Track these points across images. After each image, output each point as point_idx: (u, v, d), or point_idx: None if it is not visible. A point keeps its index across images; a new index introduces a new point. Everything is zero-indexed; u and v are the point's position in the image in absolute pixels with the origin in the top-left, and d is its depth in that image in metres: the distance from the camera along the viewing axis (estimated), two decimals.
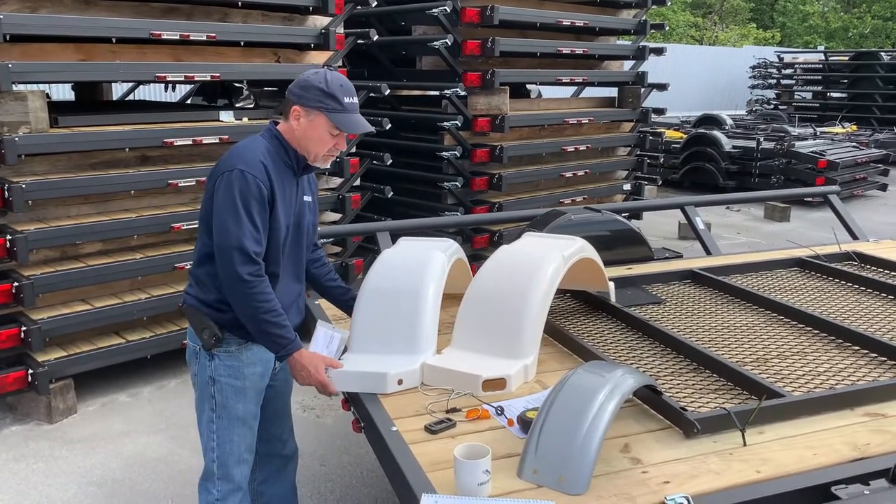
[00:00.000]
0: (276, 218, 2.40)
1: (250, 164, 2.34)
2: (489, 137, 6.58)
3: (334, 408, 4.37)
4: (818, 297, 3.46)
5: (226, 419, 2.49)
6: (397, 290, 2.68)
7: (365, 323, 2.65)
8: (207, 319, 2.43)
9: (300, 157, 2.47)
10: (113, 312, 4.48)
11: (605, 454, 1.98)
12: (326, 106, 2.37)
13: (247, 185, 2.31)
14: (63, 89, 8.86)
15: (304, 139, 2.43)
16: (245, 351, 2.48)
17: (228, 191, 2.31)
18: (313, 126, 2.40)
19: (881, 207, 11.12)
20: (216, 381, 2.48)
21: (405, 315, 2.62)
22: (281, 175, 2.43)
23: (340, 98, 2.38)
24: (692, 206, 4.98)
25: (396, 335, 2.60)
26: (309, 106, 2.39)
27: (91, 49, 4.47)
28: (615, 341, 2.92)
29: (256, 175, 2.32)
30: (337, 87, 2.38)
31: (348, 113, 2.40)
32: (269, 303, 2.35)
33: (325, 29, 5.37)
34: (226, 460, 2.51)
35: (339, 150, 2.49)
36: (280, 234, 2.44)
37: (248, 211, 2.31)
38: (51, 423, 4.27)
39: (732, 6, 34.72)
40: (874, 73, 17.78)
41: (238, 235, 2.29)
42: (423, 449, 2.07)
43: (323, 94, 2.37)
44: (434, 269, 2.74)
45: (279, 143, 2.45)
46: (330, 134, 2.41)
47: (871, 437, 2.12)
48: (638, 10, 7.86)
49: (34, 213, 4.33)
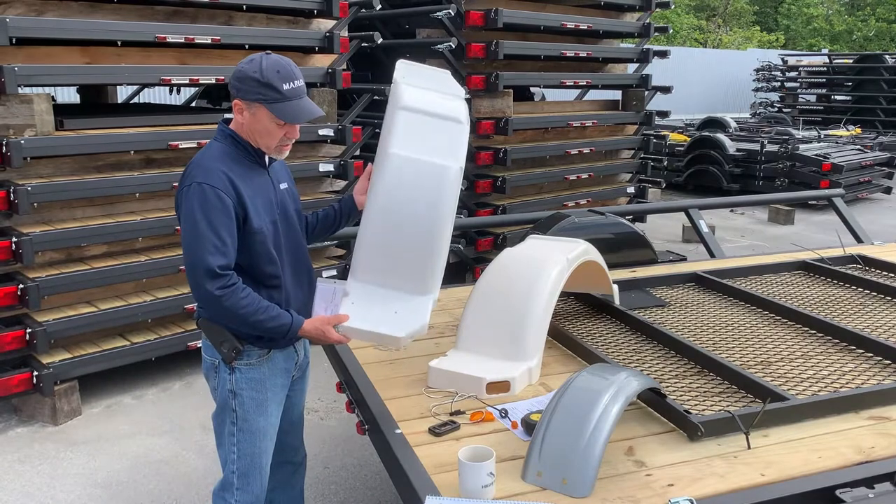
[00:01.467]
0: (251, 221, 2.28)
1: (208, 175, 2.22)
2: (493, 140, 6.59)
3: (338, 410, 4.37)
4: (822, 300, 3.46)
5: (247, 432, 2.43)
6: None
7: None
8: (226, 332, 2.35)
9: (260, 150, 2.35)
10: (118, 315, 4.49)
11: (609, 457, 1.99)
12: (265, 97, 2.21)
13: (204, 197, 2.19)
14: (68, 92, 8.90)
15: (253, 132, 2.30)
16: (267, 363, 2.42)
17: (188, 207, 2.21)
18: (256, 119, 2.26)
19: (885, 210, 11.10)
20: (237, 395, 2.41)
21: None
22: (246, 174, 2.31)
23: (278, 86, 2.21)
24: (696, 209, 4.98)
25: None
26: (248, 99, 2.24)
27: (96, 52, 4.49)
28: (619, 344, 2.92)
29: (214, 184, 2.20)
30: (273, 75, 2.21)
31: (289, 100, 2.23)
32: (250, 305, 2.24)
33: (329, 32, 5.39)
34: (246, 472, 2.46)
35: (292, 138, 2.34)
36: (266, 235, 2.33)
37: (209, 224, 2.18)
38: (55, 425, 4.28)
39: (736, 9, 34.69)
40: (878, 76, 17.74)
41: (200, 255, 2.18)
42: (427, 451, 2.08)
43: (259, 85, 2.21)
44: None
45: (234, 141, 2.33)
46: (276, 125, 2.26)
47: (876, 440, 2.12)
48: (641, 12, 7.86)
49: (39, 216, 4.35)
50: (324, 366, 3.12)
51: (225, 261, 2.20)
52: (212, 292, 2.19)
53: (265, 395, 2.43)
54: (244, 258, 2.31)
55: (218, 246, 2.19)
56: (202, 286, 2.20)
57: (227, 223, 2.21)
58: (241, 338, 2.36)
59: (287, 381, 2.53)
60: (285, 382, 2.52)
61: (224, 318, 2.30)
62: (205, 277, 2.18)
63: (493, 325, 2.61)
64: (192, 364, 5.01)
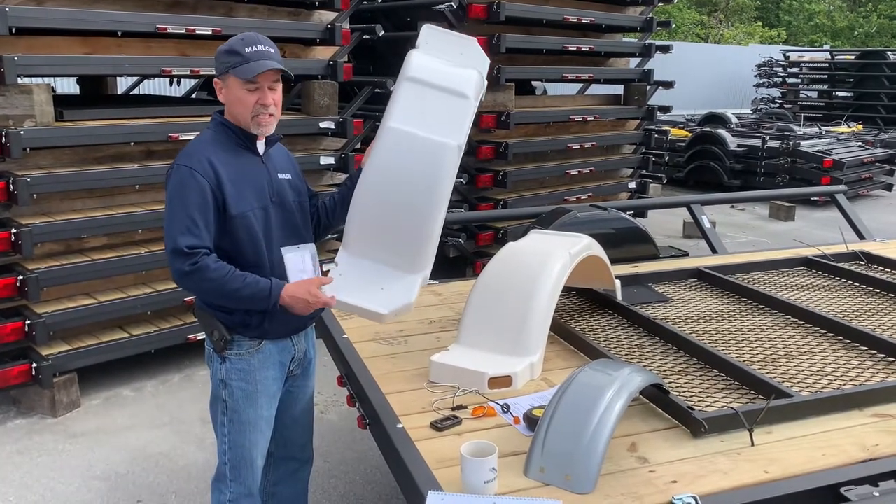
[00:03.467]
0: (230, 205, 2.28)
1: (189, 158, 2.29)
2: (494, 134, 6.57)
3: (339, 404, 4.37)
4: (825, 296, 3.44)
5: (237, 423, 2.44)
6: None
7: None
8: (216, 321, 2.38)
9: (248, 134, 2.37)
10: (117, 307, 4.48)
11: (613, 453, 1.97)
12: (230, 63, 2.28)
13: (179, 178, 2.26)
14: (68, 83, 8.86)
15: (231, 109, 2.34)
16: (257, 354, 2.42)
17: (168, 189, 2.29)
18: (230, 90, 2.32)
19: (887, 207, 11.09)
20: (227, 385, 2.42)
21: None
22: (235, 159, 2.34)
23: (241, 50, 2.27)
24: (698, 205, 4.96)
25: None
26: (220, 74, 2.32)
27: (97, 43, 4.47)
28: (621, 339, 2.91)
29: (192, 166, 2.26)
30: (237, 42, 2.29)
31: (252, 61, 2.26)
32: (224, 276, 2.24)
33: (330, 24, 5.36)
34: (237, 464, 2.47)
35: (266, 105, 2.31)
36: (251, 219, 2.32)
37: (182, 205, 2.24)
38: (54, 417, 4.27)
39: (738, 4, 34.60)
40: (880, 73, 17.70)
41: (172, 236, 2.23)
42: (428, 446, 2.06)
43: (226, 55, 2.29)
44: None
45: (224, 127, 2.38)
46: (245, 92, 2.29)
47: (880, 437, 2.10)
48: (644, 7, 7.84)
49: (39, 207, 4.33)
50: (324, 359, 3.11)
51: (195, 241, 2.24)
52: (182, 269, 2.24)
53: (255, 387, 2.43)
54: (227, 242, 2.33)
55: (189, 226, 2.23)
56: (173, 265, 2.26)
57: (200, 204, 2.25)
58: (230, 327, 2.38)
59: (281, 375, 2.52)
60: (278, 375, 2.50)
61: (203, 294, 2.35)
62: (173, 256, 2.24)
63: (495, 319, 2.59)
64: (192, 357, 5.00)
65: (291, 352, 2.53)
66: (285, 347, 2.50)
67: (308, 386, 2.69)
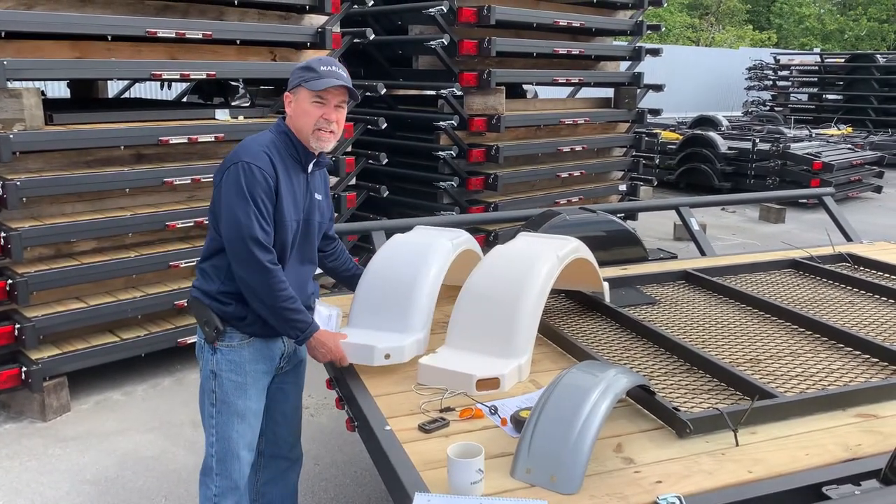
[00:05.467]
0: (281, 211, 2.40)
1: (255, 156, 2.36)
2: (485, 137, 6.58)
3: (328, 406, 4.37)
4: (812, 298, 3.47)
5: (226, 414, 2.49)
6: (397, 272, 2.76)
7: (364, 300, 2.74)
8: (210, 312, 2.44)
9: (307, 151, 2.48)
10: (107, 310, 4.47)
11: (598, 454, 1.99)
12: (304, 77, 2.41)
13: (252, 176, 2.33)
14: (58, 87, 8.84)
15: (296, 120, 2.45)
16: (247, 346, 2.49)
17: (236, 183, 2.33)
18: (298, 102, 2.44)
19: (876, 209, 11.15)
20: (217, 376, 2.48)
21: (401, 295, 2.70)
22: (288, 168, 2.44)
23: (316, 68, 2.40)
24: (687, 207, 4.99)
25: (391, 314, 2.67)
26: (293, 87, 2.45)
27: (87, 46, 4.46)
28: (609, 341, 2.93)
29: (261, 166, 2.35)
30: (315, 61, 2.43)
31: (324, 77, 2.40)
32: (286, 290, 2.38)
33: (321, 28, 5.37)
34: (224, 456, 2.51)
35: (329, 121, 2.44)
36: (288, 229, 2.44)
37: (255, 202, 2.32)
38: (44, 421, 4.26)
39: (729, 7, 34.77)
40: (870, 76, 17.81)
41: (249, 226, 2.31)
42: (416, 448, 2.07)
43: (301, 71, 2.43)
44: (435, 256, 2.79)
45: (286, 136, 2.47)
46: (312, 105, 2.41)
47: (863, 437, 2.12)
48: (634, 10, 7.87)
49: (29, 211, 4.32)
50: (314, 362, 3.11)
51: (266, 236, 2.35)
52: (262, 263, 2.32)
53: (245, 379, 2.49)
54: None
55: (262, 222, 2.33)
56: (251, 257, 2.31)
57: (267, 203, 2.36)
58: (224, 319, 2.44)
59: (270, 369, 2.58)
60: (268, 369, 2.57)
61: (256, 294, 2.37)
62: (256, 248, 2.31)
63: (483, 322, 2.60)
64: (183, 360, 5.00)
65: (282, 348, 2.60)
66: (276, 344, 2.58)
67: (298, 384, 2.75)
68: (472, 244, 3.08)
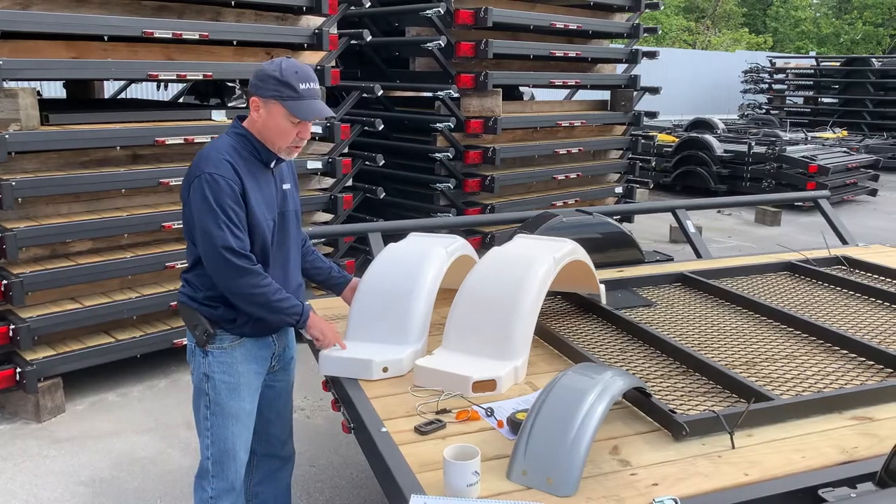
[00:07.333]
0: (254, 214, 2.38)
1: (216, 166, 2.33)
2: (482, 139, 6.59)
3: (324, 408, 4.36)
4: (807, 300, 3.48)
5: (220, 416, 2.50)
6: (393, 283, 2.75)
7: (360, 312, 2.73)
8: (199, 316, 2.45)
9: (269, 152, 2.43)
10: (103, 311, 4.46)
11: (594, 456, 1.99)
12: (281, 94, 2.33)
13: (218, 187, 2.30)
14: (54, 87, 8.82)
15: (266, 130, 2.40)
16: (238, 348, 2.49)
17: (202, 198, 2.31)
18: (272, 116, 2.37)
19: (871, 212, 11.18)
20: (210, 378, 2.48)
21: (397, 307, 2.69)
22: (251, 170, 2.41)
23: (295, 85, 2.33)
24: (683, 210, 4.99)
25: (388, 326, 2.67)
26: (266, 96, 2.35)
27: (83, 47, 4.45)
28: (605, 344, 2.93)
29: (224, 174, 2.31)
30: (291, 75, 2.34)
31: (304, 99, 2.34)
32: (270, 285, 2.38)
33: (318, 29, 5.37)
34: (220, 458, 2.51)
35: (303, 139, 2.43)
36: (265, 230, 2.43)
37: (224, 212, 2.30)
38: (39, 422, 4.24)
39: (725, 11, 34.86)
40: (865, 79, 17.87)
41: (222, 237, 2.30)
42: (412, 450, 2.07)
43: (278, 83, 2.33)
44: (430, 265, 2.79)
45: (245, 138, 2.42)
46: (290, 123, 2.36)
47: (859, 440, 2.13)
48: (631, 13, 7.88)
49: (24, 211, 4.31)
50: (310, 364, 3.11)
51: (241, 243, 2.33)
52: (240, 266, 2.31)
53: (237, 379, 2.49)
54: None
55: (233, 229, 2.31)
56: (227, 265, 2.31)
57: (237, 210, 2.33)
58: (214, 322, 2.45)
59: (262, 369, 2.59)
60: (259, 369, 2.57)
61: (241, 297, 2.38)
62: (230, 255, 2.30)
63: (479, 323, 2.60)
64: (178, 361, 4.98)
65: (272, 347, 2.61)
66: (266, 343, 2.59)
67: (288, 380, 2.75)
68: (467, 249, 3.08)
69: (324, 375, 2.64)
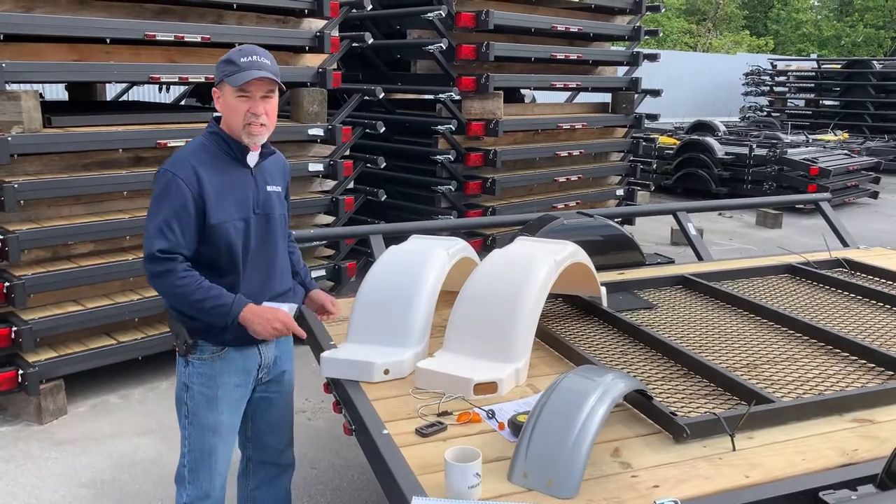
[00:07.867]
0: (210, 215, 2.31)
1: (173, 164, 2.33)
2: (483, 141, 6.60)
3: (326, 410, 4.36)
4: (808, 303, 3.48)
5: (197, 427, 2.47)
6: (395, 285, 2.76)
7: (362, 314, 2.73)
8: (180, 326, 2.41)
9: (241, 146, 2.40)
10: (104, 313, 4.47)
11: (595, 458, 1.99)
12: (225, 72, 2.33)
13: (164, 185, 2.30)
14: (57, 89, 8.84)
15: (226, 118, 2.39)
16: (219, 360, 2.44)
17: (153, 196, 2.34)
18: (224, 98, 2.36)
19: (872, 215, 11.18)
20: (189, 388, 2.46)
21: (399, 309, 2.69)
22: (223, 169, 2.37)
23: (236, 60, 2.31)
24: (684, 212, 5.00)
25: (389, 328, 2.67)
26: (217, 83, 2.37)
27: (85, 49, 4.47)
28: (606, 346, 2.93)
29: (177, 173, 2.29)
30: (234, 53, 2.34)
31: (243, 70, 2.30)
32: (190, 285, 2.28)
33: (319, 32, 5.38)
34: (195, 467, 2.50)
35: (257, 115, 2.34)
36: (229, 231, 2.35)
37: (159, 209, 2.29)
38: (41, 424, 4.25)
39: (726, 13, 34.88)
40: (866, 82, 17.87)
41: (149, 243, 2.29)
42: (413, 452, 2.07)
43: (223, 65, 2.35)
44: (432, 267, 2.79)
45: (217, 136, 2.41)
46: (238, 100, 2.32)
47: (860, 442, 2.13)
48: (632, 16, 7.89)
49: (26, 213, 4.32)
50: (312, 366, 3.11)
51: (167, 245, 2.28)
52: (153, 270, 2.30)
53: (215, 392, 2.46)
54: (206, 250, 2.36)
55: (163, 230, 2.28)
56: (145, 267, 2.31)
57: (178, 211, 2.29)
58: (193, 332, 2.41)
59: (245, 382, 2.52)
60: (241, 382, 2.51)
61: (171, 299, 2.38)
62: (146, 260, 2.30)
63: (480, 326, 2.61)
64: None
65: (258, 360, 2.54)
66: (251, 355, 2.51)
67: (283, 392, 2.69)
68: (468, 252, 3.08)
69: (325, 377, 2.65)
